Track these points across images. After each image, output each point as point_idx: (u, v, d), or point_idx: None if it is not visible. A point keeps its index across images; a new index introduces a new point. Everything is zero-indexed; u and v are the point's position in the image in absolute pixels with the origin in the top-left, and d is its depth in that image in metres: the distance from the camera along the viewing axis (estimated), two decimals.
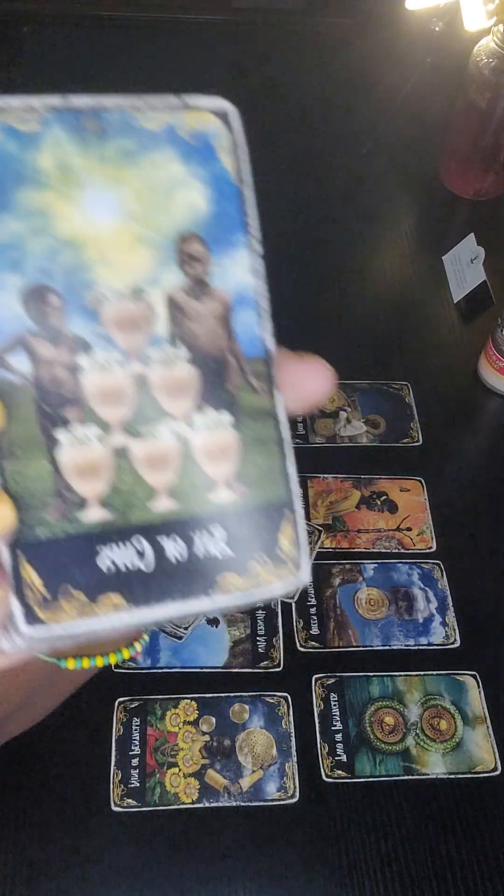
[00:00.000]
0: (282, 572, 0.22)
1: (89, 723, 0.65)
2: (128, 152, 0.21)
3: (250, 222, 0.22)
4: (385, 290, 1.01)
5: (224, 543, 0.21)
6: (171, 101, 0.22)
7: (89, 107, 0.21)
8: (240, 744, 0.65)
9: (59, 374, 0.20)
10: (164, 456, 0.21)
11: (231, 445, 0.22)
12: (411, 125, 1.16)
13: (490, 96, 0.98)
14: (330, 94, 1.21)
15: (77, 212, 0.21)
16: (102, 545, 0.20)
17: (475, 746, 0.67)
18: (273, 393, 0.23)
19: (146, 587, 0.21)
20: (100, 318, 0.21)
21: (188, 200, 0.22)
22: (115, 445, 0.21)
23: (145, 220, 0.21)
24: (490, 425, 0.90)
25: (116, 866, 0.59)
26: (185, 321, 0.22)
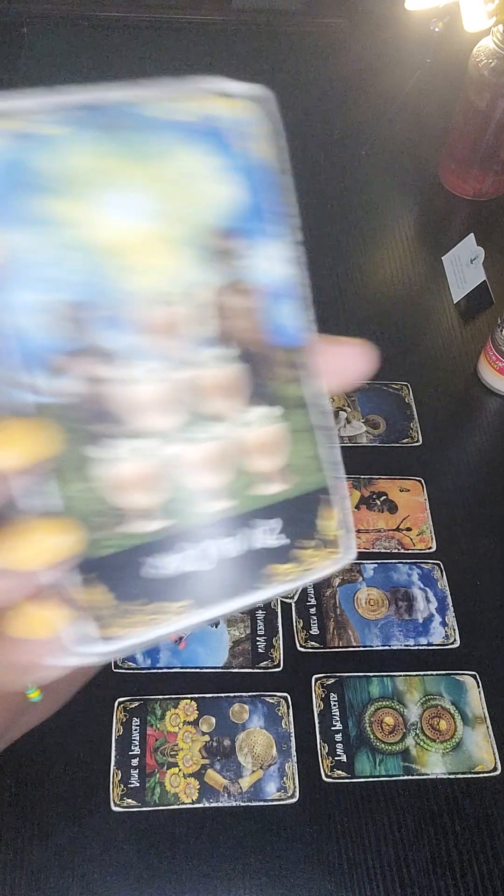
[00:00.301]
0: (331, 554, 0.23)
1: (89, 723, 0.65)
2: (150, 147, 0.20)
3: (287, 211, 0.22)
4: (385, 290, 1.01)
5: (277, 534, 0.22)
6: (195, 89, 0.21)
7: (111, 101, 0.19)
8: (240, 744, 0.65)
9: (102, 390, 0.20)
10: (217, 458, 0.21)
11: (279, 438, 0.22)
12: (411, 125, 1.16)
13: (490, 97, 0.98)
14: (330, 94, 1.21)
15: (103, 217, 0.19)
16: (164, 553, 0.20)
17: (475, 746, 0.67)
18: (315, 381, 0.23)
19: (209, 588, 0.21)
20: (139, 328, 0.20)
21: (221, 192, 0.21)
22: (168, 454, 0.20)
23: (175, 217, 0.20)
24: (490, 425, 0.90)
25: (116, 866, 0.59)
26: (227, 319, 0.21)
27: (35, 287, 0.19)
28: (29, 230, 0.19)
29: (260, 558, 0.22)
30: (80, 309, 0.19)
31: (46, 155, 0.19)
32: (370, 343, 0.23)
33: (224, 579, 0.21)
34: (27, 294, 0.19)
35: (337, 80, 1.21)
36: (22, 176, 0.18)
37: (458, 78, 1.02)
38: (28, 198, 0.19)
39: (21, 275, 0.19)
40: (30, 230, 0.19)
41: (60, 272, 0.19)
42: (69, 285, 0.19)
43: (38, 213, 0.19)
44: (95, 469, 0.20)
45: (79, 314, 0.19)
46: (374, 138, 1.14)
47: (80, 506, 0.20)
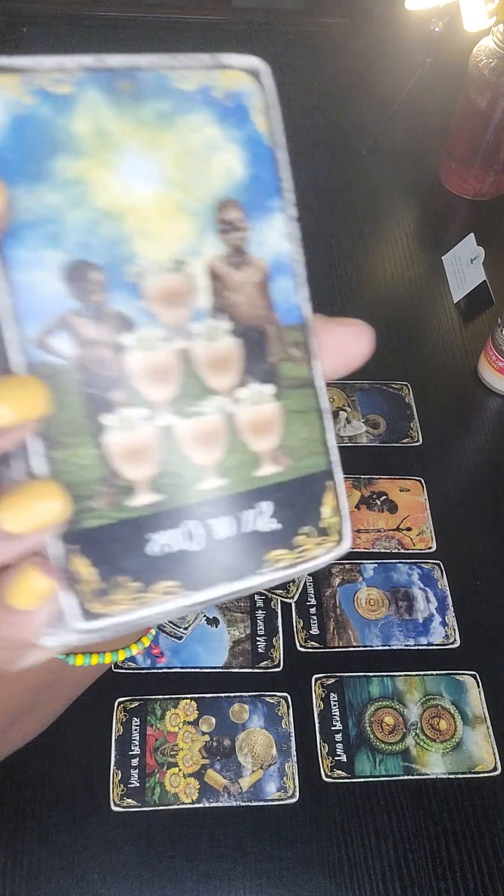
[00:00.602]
0: (327, 542, 0.22)
1: (89, 723, 0.65)
2: (163, 114, 0.20)
3: (285, 186, 0.22)
4: (385, 290, 1.01)
5: (271, 518, 0.21)
6: (204, 60, 0.21)
7: (124, 66, 0.19)
8: (240, 744, 0.65)
9: (102, 355, 0.19)
10: (211, 434, 0.20)
11: (274, 418, 0.21)
12: (411, 125, 1.16)
13: (490, 96, 0.98)
14: (330, 94, 1.21)
15: (115, 180, 0.19)
16: (153, 530, 0.20)
17: (475, 746, 0.67)
18: (311, 361, 0.22)
19: (198, 570, 0.20)
20: (142, 293, 0.20)
21: (224, 164, 0.20)
22: (161, 426, 0.20)
23: (183, 186, 0.20)
24: (490, 425, 0.90)
25: (116, 866, 0.59)
26: (226, 292, 0.21)
27: (48, 244, 0.19)
28: (45, 187, 0.19)
29: (254, 542, 0.21)
30: (90, 269, 0.19)
31: (65, 113, 0.19)
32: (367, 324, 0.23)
33: (215, 562, 0.20)
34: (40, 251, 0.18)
35: (337, 80, 1.21)
36: (44, 133, 0.18)
37: (459, 78, 1.02)
38: (45, 154, 0.19)
39: (35, 231, 0.18)
40: (46, 187, 0.19)
41: (72, 231, 0.19)
42: (79, 245, 0.19)
43: (54, 170, 0.19)
44: (85, 436, 0.19)
45: (88, 275, 0.19)
46: (374, 138, 1.14)
47: (73, 472, 0.19)
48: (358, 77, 1.20)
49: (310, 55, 1.27)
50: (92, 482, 0.19)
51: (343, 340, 0.22)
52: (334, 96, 1.20)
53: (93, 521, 0.19)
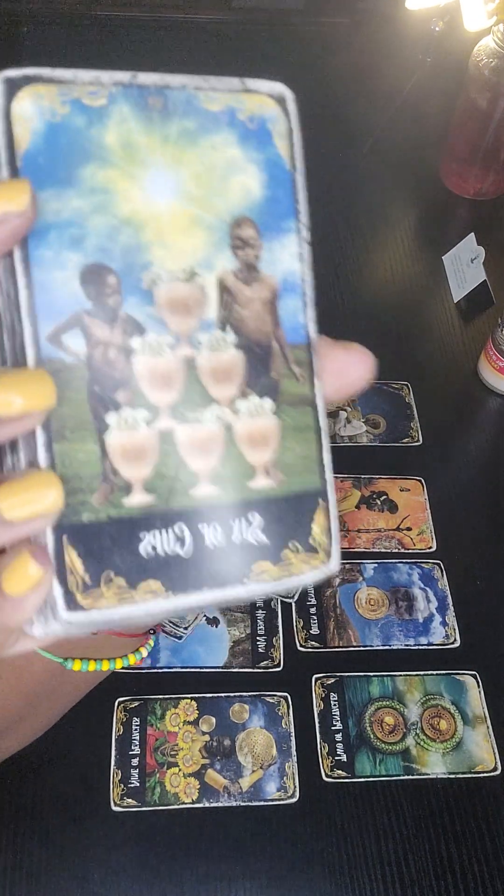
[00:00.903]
0: (313, 561, 0.22)
1: (89, 723, 0.65)
2: (189, 132, 0.21)
3: (300, 209, 0.22)
4: (385, 290, 1.01)
5: (260, 531, 0.21)
6: (232, 83, 0.22)
7: (155, 84, 0.21)
8: (240, 744, 0.65)
9: (111, 356, 0.20)
10: (207, 441, 0.21)
11: (271, 432, 0.22)
12: (411, 125, 1.16)
13: (490, 96, 0.98)
14: (330, 93, 1.21)
15: (138, 191, 0.20)
16: (144, 530, 0.20)
17: (475, 746, 0.67)
18: (313, 381, 0.22)
19: (184, 574, 0.20)
20: (154, 301, 0.20)
21: (243, 184, 0.21)
22: (161, 429, 0.20)
23: (202, 202, 0.21)
24: (490, 425, 0.90)
25: (116, 866, 0.59)
26: (235, 306, 0.21)
27: (70, 246, 0.19)
28: (72, 192, 0.19)
29: (241, 553, 0.21)
30: (107, 273, 0.20)
31: (97, 124, 0.20)
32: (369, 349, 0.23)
33: (201, 568, 0.21)
34: (62, 252, 0.19)
35: (337, 80, 1.21)
36: (72, 140, 0.19)
37: (459, 77, 1.02)
38: (75, 161, 0.19)
39: (59, 233, 0.19)
40: (73, 192, 0.19)
41: (94, 236, 0.20)
42: (99, 250, 0.20)
43: (83, 177, 0.19)
44: (88, 432, 0.20)
45: (104, 278, 0.20)
46: (374, 138, 1.14)
47: (74, 466, 0.19)
48: (358, 77, 1.20)
49: (310, 55, 1.27)
50: (90, 477, 0.20)
51: (345, 364, 0.23)
52: (334, 96, 1.20)
53: (88, 515, 0.20)
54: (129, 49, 1.25)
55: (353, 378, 0.23)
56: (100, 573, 0.20)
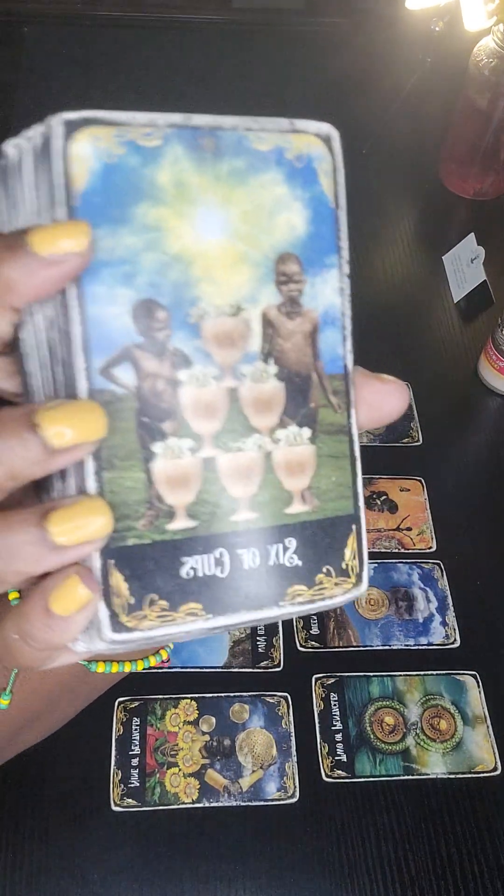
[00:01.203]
0: (345, 584, 0.23)
1: (89, 723, 0.65)
2: (239, 172, 0.22)
3: (342, 245, 0.23)
4: (385, 290, 1.01)
5: (295, 555, 0.22)
6: (280, 124, 0.23)
7: (207, 125, 0.22)
8: (240, 744, 0.65)
9: (159, 388, 0.21)
10: (248, 469, 0.22)
11: (309, 460, 0.23)
12: (411, 125, 1.16)
13: (490, 96, 0.98)
14: (330, 93, 1.21)
15: (189, 229, 0.21)
16: (186, 554, 0.21)
17: (475, 746, 0.67)
18: (349, 410, 0.23)
19: (223, 596, 0.21)
20: (201, 334, 0.21)
21: (289, 221, 0.22)
22: (204, 458, 0.21)
23: (249, 239, 0.22)
24: (490, 425, 0.90)
25: (116, 866, 0.59)
26: (277, 339, 0.22)
27: (121, 282, 0.20)
28: (125, 229, 0.20)
29: (276, 576, 0.22)
30: (156, 308, 0.21)
31: (149, 164, 0.21)
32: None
33: (238, 590, 0.22)
34: (113, 288, 0.20)
35: (337, 80, 1.21)
36: (126, 180, 0.20)
37: (459, 78, 1.02)
38: (129, 200, 0.20)
39: (111, 269, 0.20)
40: (126, 230, 0.20)
41: (144, 272, 0.21)
42: (149, 285, 0.21)
43: (135, 215, 0.20)
44: (135, 461, 0.21)
45: (153, 313, 0.21)
46: (374, 138, 1.14)
47: (121, 493, 0.20)
48: (358, 77, 1.20)
49: (310, 55, 1.27)
50: (136, 504, 0.21)
51: (380, 395, 0.24)
52: (334, 96, 1.20)
53: (133, 539, 0.21)
54: (129, 49, 1.25)
55: (388, 409, 0.24)
56: (143, 595, 0.21)
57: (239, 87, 1.20)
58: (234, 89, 1.20)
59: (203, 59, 1.25)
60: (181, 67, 1.22)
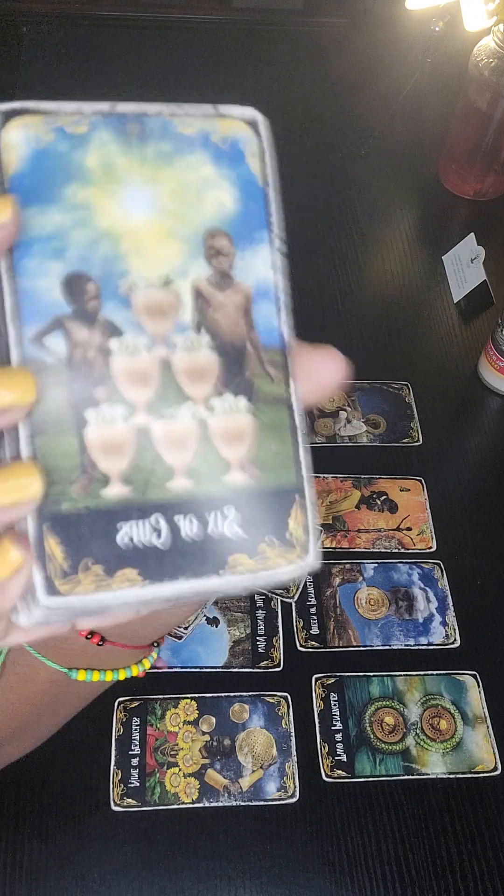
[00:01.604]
0: (291, 556, 0.23)
1: (89, 723, 0.65)
2: (165, 154, 0.23)
3: (273, 221, 0.24)
4: (385, 290, 1.01)
5: (236, 524, 0.22)
6: (205, 110, 0.23)
7: (133, 112, 0.22)
8: (240, 744, 0.65)
9: (90, 356, 0.21)
10: (183, 437, 0.22)
11: (246, 429, 0.23)
12: (411, 125, 1.16)
13: (490, 97, 0.98)
14: (329, 94, 1.21)
15: (116, 206, 0.22)
16: (122, 521, 0.21)
17: (475, 746, 0.67)
18: (289, 382, 0.24)
19: (160, 564, 0.21)
20: (131, 305, 0.22)
21: (217, 199, 0.23)
22: (138, 425, 0.22)
23: (177, 215, 0.22)
24: (490, 425, 0.90)
25: (116, 866, 0.59)
26: (209, 310, 0.23)
27: (53, 256, 0.21)
28: (56, 208, 0.21)
29: (216, 545, 0.22)
30: (87, 281, 0.22)
31: (78, 148, 0.22)
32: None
33: (176, 558, 0.22)
34: (46, 262, 0.21)
35: (337, 80, 1.21)
36: (56, 163, 0.22)
37: (459, 78, 1.02)
38: (59, 181, 0.21)
39: (44, 245, 0.21)
40: (57, 208, 0.21)
41: (76, 247, 0.22)
42: (81, 259, 0.22)
43: (65, 195, 0.22)
44: (67, 427, 0.21)
45: (85, 285, 0.21)
46: (374, 138, 1.14)
47: (49, 458, 0.21)
48: (358, 77, 1.20)
49: (310, 55, 1.27)
50: (70, 469, 0.21)
51: (318, 365, 0.24)
52: (334, 96, 1.20)
53: (67, 505, 0.21)
54: (129, 49, 1.25)
55: (327, 378, 0.24)
56: (78, 561, 0.21)
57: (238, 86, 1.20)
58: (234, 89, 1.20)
59: (203, 59, 1.25)
60: (181, 67, 1.22)
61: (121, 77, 1.19)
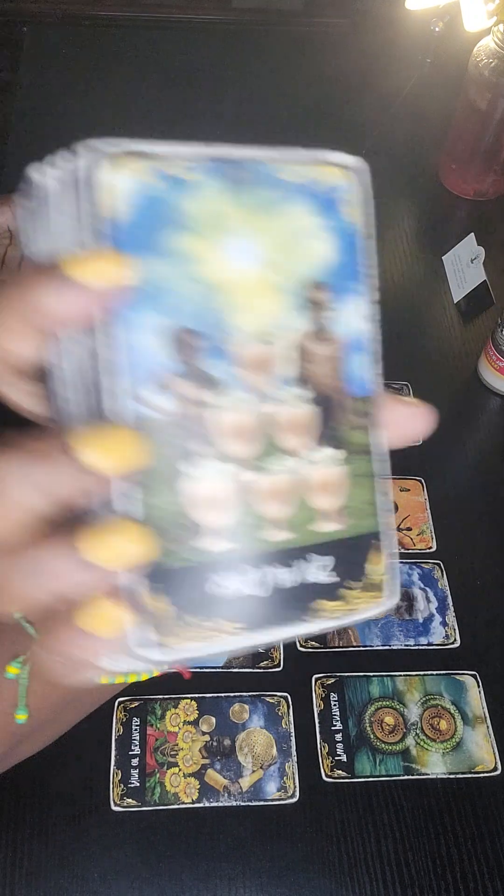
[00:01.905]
0: (375, 597, 0.24)
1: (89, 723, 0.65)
2: (267, 202, 0.22)
3: (369, 273, 0.24)
4: (385, 290, 1.01)
5: (326, 571, 0.23)
6: (309, 156, 0.24)
7: (234, 157, 0.22)
8: (240, 744, 0.65)
9: (193, 412, 0.21)
10: (282, 490, 0.23)
11: (339, 480, 0.24)
12: (411, 125, 1.16)
13: (490, 97, 0.98)
14: (330, 94, 1.21)
15: (220, 257, 0.22)
16: (222, 573, 0.22)
17: (475, 746, 0.67)
18: (375, 430, 0.25)
19: (257, 613, 0.22)
20: (234, 360, 0.22)
21: (317, 250, 0.23)
22: (237, 480, 0.22)
23: (279, 267, 0.22)
24: (490, 425, 0.90)
25: (116, 866, 0.59)
26: (308, 364, 0.23)
27: (158, 310, 0.21)
28: (161, 259, 0.21)
29: (310, 592, 0.23)
30: (191, 336, 0.21)
31: (184, 196, 0.21)
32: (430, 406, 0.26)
33: (276, 607, 0.22)
34: (150, 315, 0.21)
35: (337, 80, 1.21)
36: (162, 211, 0.21)
37: (459, 78, 1.02)
38: (165, 231, 0.21)
39: (148, 298, 0.21)
40: (162, 259, 0.21)
41: (180, 300, 0.21)
42: (185, 313, 0.21)
43: (171, 245, 0.21)
44: (178, 484, 0.21)
45: (189, 340, 0.21)
46: (374, 138, 1.14)
47: (159, 516, 0.21)
48: (358, 77, 1.20)
49: (310, 55, 1.27)
50: (171, 526, 0.21)
51: (406, 418, 0.25)
52: (334, 96, 1.20)
53: (166, 560, 0.21)
54: (129, 49, 1.25)
55: (413, 431, 0.25)
56: (176, 614, 0.21)
57: (238, 87, 1.20)
58: (234, 89, 1.20)
59: (203, 59, 1.25)
60: (181, 67, 1.22)
61: (121, 77, 1.20)
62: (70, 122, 1.06)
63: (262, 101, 1.18)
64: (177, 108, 1.14)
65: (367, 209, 0.24)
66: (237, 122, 1.14)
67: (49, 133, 1.04)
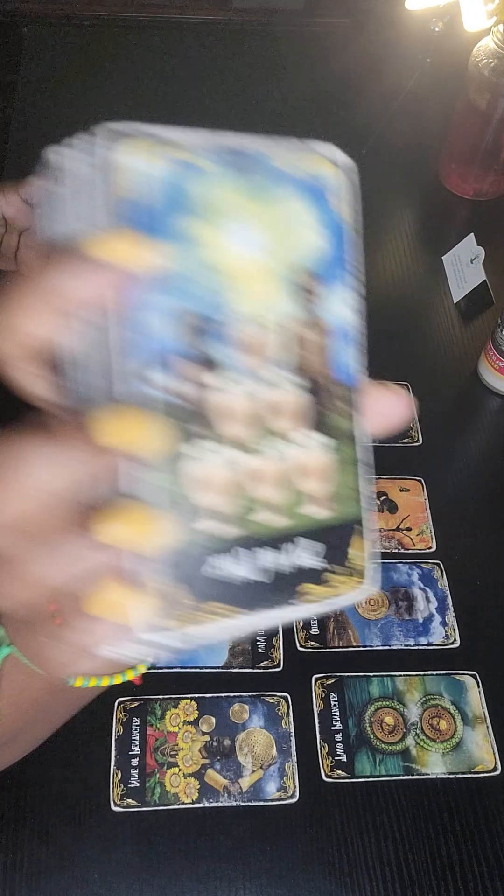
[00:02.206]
0: (356, 582, 0.24)
1: (89, 723, 0.65)
2: (264, 189, 0.23)
3: (353, 263, 0.25)
4: (385, 290, 1.01)
5: (310, 555, 0.23)
6: (296, 145, 0.24)
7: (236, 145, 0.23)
8: (240, 744, 0.65)
9: (192, 391, 0.22)
10: (270, 472, 0.23)
11: (325, 465, 0.24)
12: (411, 125, 1.16)
13: (490, 97, 0.98)
14: (330, 94, 1.21)
15: (222, 241, 0.22)
16: (213, 555, 0.22)
17: (475, 746, 0.67)
18: (357, 417, 0.25)
19: (246, 596, 0.22)
20: (231, 342, 0.22)
21: (306, 237, 0.24)
22: (230, 460, 0.22)
23: (273, 252, 0.23)
24: (490, 425, 0.90)
25: (116, 866, 0.59)
26: (296, 348, 0.23)
27: (171, 294, 0.21)
28: (176, 244, 0.21)
29: (297, 576, 0.23)
30: (200, 320, 0.22)
31: (193, 181, 0.22)
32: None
33: (266, 591, 0.23)
34: (165, 299, 0.21)
35: (337, 80, 1.21)
36: (178, 197, 0.22)
37: (458, 78, 1.02)
38: (176, 214, 0.21)
39: (163, 282, 0.21)
40: (177, 244, 0.21)
41: (191, 285, 0.22)
42: (195, 298, 0.22)
43: (181, 228, 0.22)
44: (184, 465, 0.21)
45: (198, 324, 0.22)
46: (374, 138, 1.14)
47: (166, 497, 0.21)
48: (358, 77, 1.20)
49: (310, 55, 1.27)
50: (182, 507, 0.21)
51: (385, 404, 0.25)
52: (334, 96, 1.20)
53: (166, 542, 0.21)
54: (129, 49, 1.25)
55: (392, 416, 0.25)
56: (174, 595, 0.21)
57: (238, 86, 1.20)
58: (234, 89, 1.20)
59: (203, 59, 1.25)
60: (181, 67, 1.22)
61: (121, 77, 1.20)
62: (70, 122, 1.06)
63: (262, 101, 1.18)
64: (177, 108, 1.14)
65: (354, 205, 0.25)
66: (237, 121, 1.14)
67: (49, 133, 1.04)
